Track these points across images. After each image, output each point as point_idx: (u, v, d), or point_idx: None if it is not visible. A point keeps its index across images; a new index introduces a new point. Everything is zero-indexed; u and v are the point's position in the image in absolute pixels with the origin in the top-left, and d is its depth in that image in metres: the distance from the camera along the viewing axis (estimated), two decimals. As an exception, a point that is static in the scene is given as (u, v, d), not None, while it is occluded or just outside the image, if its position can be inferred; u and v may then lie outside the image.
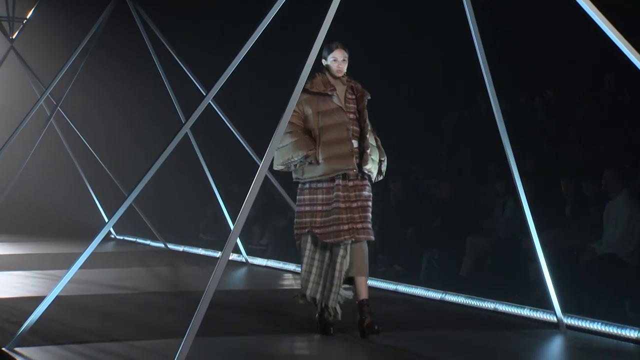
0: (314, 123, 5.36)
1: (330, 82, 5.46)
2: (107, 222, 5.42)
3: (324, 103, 5.39)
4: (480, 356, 5.12)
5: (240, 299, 7.30)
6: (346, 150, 5.31)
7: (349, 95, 5.51)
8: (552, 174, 8.36)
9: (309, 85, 5.35)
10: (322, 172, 5.32)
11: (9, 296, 7.19)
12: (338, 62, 5.46)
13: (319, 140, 5.32)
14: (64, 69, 8.54)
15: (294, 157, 5.31)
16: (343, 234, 5.30)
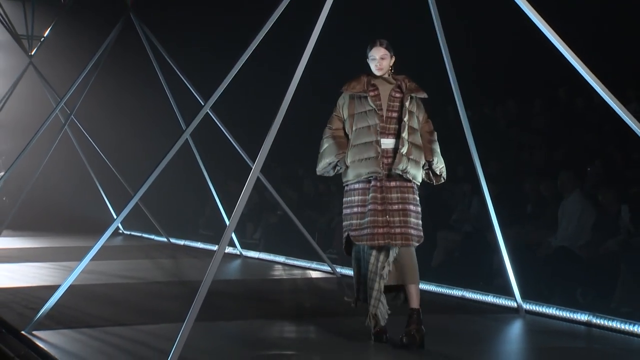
0: (348, 126, 4.75)
1: (372, 82, 4.80)
2: (116, 219, 5.40)
3: (361, 105, 4.74)
4: (450, 337, 5.14)
5: (235, 287, 7.28)
6: (372, 154, 4.64)
7: (395, 93, 4.80)
8: (514, 175, 8.40)
9: (346, 87, 4.81)
10: (350, 176, 4.75)
11: (27, 285, 7.15)
12: (376, 61, 4.80)
13: (349, 143, 4.73)
14: (77, 82, 8.49)
15: (326, 163, 4.78)
16: (377, 238, 4.61)
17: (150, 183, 5.23)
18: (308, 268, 8.48)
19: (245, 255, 9.70)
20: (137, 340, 4.88)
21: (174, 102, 9.98)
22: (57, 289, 5.17)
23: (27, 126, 12.45)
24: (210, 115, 8.55)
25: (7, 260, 9.12)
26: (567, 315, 5.59)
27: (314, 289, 7.33)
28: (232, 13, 12.98)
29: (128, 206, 5.33)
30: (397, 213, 4.65)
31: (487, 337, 5.30)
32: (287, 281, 7.81)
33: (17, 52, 12.31)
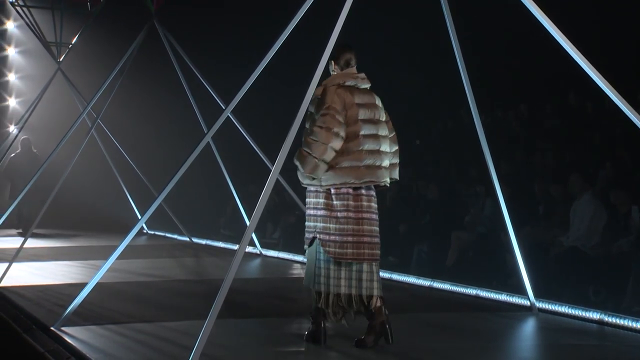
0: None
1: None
2: (140, 219, 5.41)
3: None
4: (464, 335, 5.10)
5: (255, 286, 7.28)
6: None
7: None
8: (526, 177, 8.34)
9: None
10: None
11: (56, 282, 7.18)
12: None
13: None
14: (103, 87, 8.52)
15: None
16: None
17: (173, 184, 5.24)
18: (326, 267, 8.44)
19: (265, 255, 9.70)
20: (160, 337, 4.89)
21: (196, 106, 10.00)
22: (84, 287, 5.18)
23: (56, 129, 12.53)
24: (231, 118, 8.57)
25: (36, 259, 9.18)
26: (579, 314, 5.53)
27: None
28: (253, 19, 13.00)
29: (152, 207, 5.34)
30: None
31: (501, 335, 5.26)
32: (306, 279, 7.78)
33: (46, 58, 12.39)
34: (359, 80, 4.66)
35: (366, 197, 4.61)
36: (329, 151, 4.47)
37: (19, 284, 7.03)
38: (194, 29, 13.02)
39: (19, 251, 7.43)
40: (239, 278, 5.87)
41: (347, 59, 4.69)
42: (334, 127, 4.47)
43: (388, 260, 8.93)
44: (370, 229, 4.61)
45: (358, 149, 4.52)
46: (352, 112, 4.54)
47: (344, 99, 4.55)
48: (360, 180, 4.53)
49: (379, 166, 4.59)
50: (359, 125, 4.53)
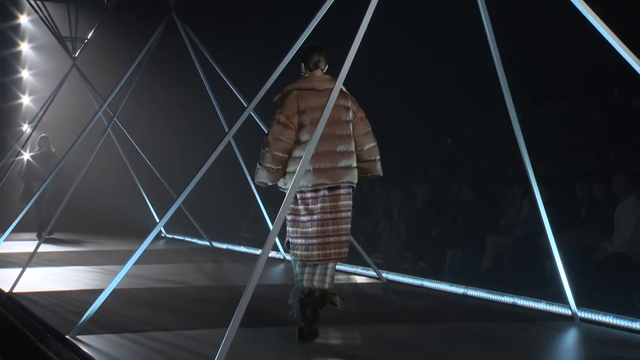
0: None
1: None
2: (158, 222, 5.44)
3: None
4: (500, 346, 5.06)
5: (278, 292, 7.28)
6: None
7: None
8: (566, 178, 8.26)
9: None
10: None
11: (71, 289, 7.26)
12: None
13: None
14: (120, 84, 8.59)
15: None
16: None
17: (192, 186, 5.26)
18: (353, 273, 8.45)
19: (289, 260, 9.68)
20: (180, 346, 4.91)
21: (216, 104, 10.05)
22: (100, 293, 5.23)
23: (71, 128, 12.66)
24: (253, 117, 8.59)
25: (51, 264, 9.28)
26: (625, 324, 5.46)
27: (359, 295, 7.30)
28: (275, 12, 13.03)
29: (170, 209, 5.37)
30: None
31: (541, 346, 5.21)
32: (332, 286, 7.78)
33: (61, 54, 12.52)
34: (315, 82, 4.97)
35: (330, 198, 4.90)
36: (268, 157, 4.90)
37: (32, 290, 7.11)
38: (214, 22, 13.07)
39: (33, 256, 7.52)
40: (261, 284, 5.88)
41: (315, 61, 5.04)
42: (278, 135, 4.89)
43: (419, 266, 8.90)
44: (337, 228, 4.92)
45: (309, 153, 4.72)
46: (305, 117, 4.90)
47: (298, 104, 4.91)
48: (310, 184, 4.84)
49: (332, 168, 4.88)
50: (310, 129, 4.83)
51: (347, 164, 4.95)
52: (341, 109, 4.97)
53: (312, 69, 5.06)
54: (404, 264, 9.13)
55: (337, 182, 4.88)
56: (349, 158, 4.97)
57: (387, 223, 9.81)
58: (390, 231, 9.65)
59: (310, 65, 5.06)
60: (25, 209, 8.59)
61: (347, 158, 4.95)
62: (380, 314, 6.12)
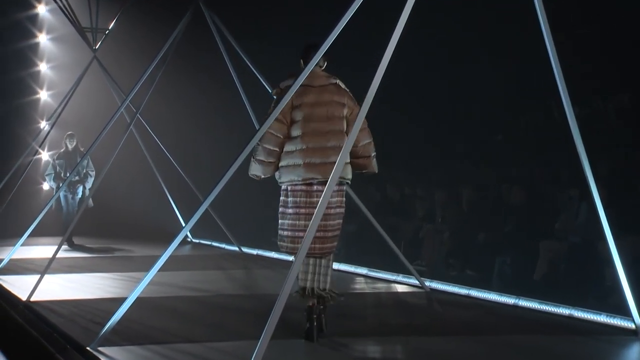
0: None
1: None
2: (184, 226, 5.48)
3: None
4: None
5: (313, 302, 7.30)
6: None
7: None
8: (627, 178, 8.14)
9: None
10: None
11: (91, 297, 7.35)
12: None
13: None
14: (143, 78, 8.66)
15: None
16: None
17: (221, 187, 5.30)
18: (393, 281, 8.44)
19: (324, 267, 9.71)
20: (207, 359, 4.95)
21: (246, 99, 10.09)
22: (123, 302, 5.28)
23: (91, 125, 12.79)
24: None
25: (70, 271, 9.41)
26: (694, 339, 5.37)
27: (400, 305, 7.29)
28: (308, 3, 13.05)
29: (197, 212, 5.41)
30: None
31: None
32: (371, 295, 7.78)
33: (80, 46, 12.65)
34: (311, 79, 5.36)
35: (321, 193, 5.11)
36: (260, 150, 5.43)
37: (51, 298, 7.22)
38: (243, 11, 13.13)
39: (51, 262, 7.64)
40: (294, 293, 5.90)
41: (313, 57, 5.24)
42: (270, 128, 5.34)
43: (465, 274, 8.85)
44: (324, 223, 5.32)
45: (300, 147, 5.37)
46: (297, 112, 5.39)
47: (292, 100, 5.34)
48: (300, 178, 5.35)
49: (323, 163, 5.33)
50: (302, 124, 5.37)
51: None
52: (335, 104, 5.43)
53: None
54: (448, 271, 9.08)
55: (328, 177, 5.06)
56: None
57: (430, 227, 9.77)
58: (433, 236, 9.61)
59: (309, 62, 5.27)
60: (44, 212, 8.69)
61: (338, 153, 5.11)
62: (422, 326, 6.10)
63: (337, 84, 5.57)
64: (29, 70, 15.14)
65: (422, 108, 11.76)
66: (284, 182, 5.47)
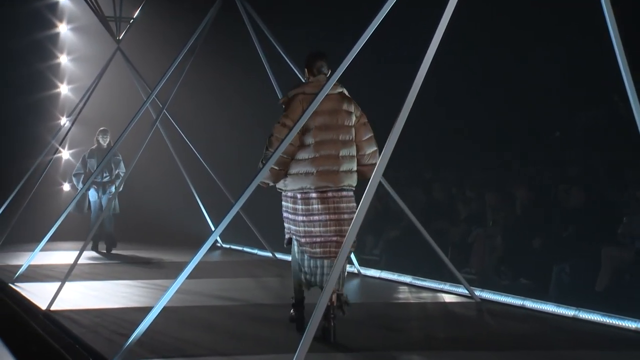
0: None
1: None
2: (214, 230, 5.51)
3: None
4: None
5: (353, 313, 7.30)
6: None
7: None
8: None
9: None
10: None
11: (115, 306, 7.43)
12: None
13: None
14: (170, 70, 8.72)
15: None
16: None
17: (253, 188, 5.33)
18: (440, 290, 8.41)
19: (364, 275, 9.72)
20: (239, 374, 4.97)
21: (280, 93, 10.13)
22: (149, 312, 5.32)
23: (114, 122, 12.89)
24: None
25: (92, 278, 9.53)
26: None
27: (447, 316, 7.26)
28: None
29: (228, 215, 5.44)
30: None
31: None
32: (415, 306, 7.77)
33: (103, 36, 12.78)
34: (318, 88, 5.67)
35: (333, 200, 5.90)
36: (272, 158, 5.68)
37: (72, 307, 7.32)
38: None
39: (72, 268, 7.74)
40: (333, 303, 5.91)
41: (318, 66, 6.05)
42: (281, 136, 5.73)
43: (519, 283, 8.79)
44: (339, 229, 5.87)
45: (312, 156, 5.87)
46: (309, 121, 5.74)
47: (302, 108, 5.75)
48: (314, 186, 5.86)
49: (335, 171, 5.89)
50: (315, 132, 5.88)
51: (349, 168, 5.95)
52: (344, 113, 5.97)
53: (315, 74, 6.04)
54: (500, 280, 9.03)
55: (339, 185, 5.88)
56: (351, 162, 5.97)
57: (480, 232, 9.72)
58: (484, 241, 9.56)
59: (314, 71, 6.05)
60: (64, 215, 8.78)
61: (348, 162, 5.95)
62: (472, 339, 6.07)
63: (343, 92, 6.07)
64: (48, 63, 15.28)
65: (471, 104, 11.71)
66: (293, 189, 5.94)
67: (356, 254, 9.89)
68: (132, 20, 11.81)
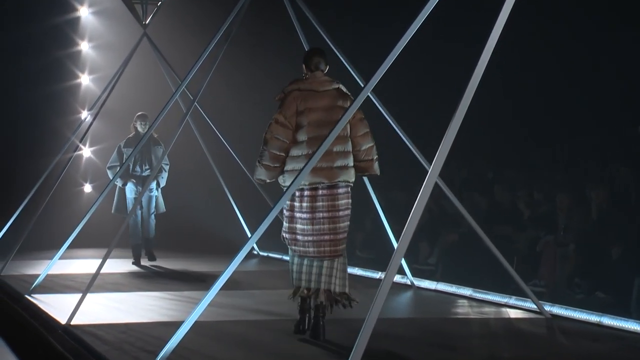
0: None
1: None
2: (250, 237, 5.56)
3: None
4: None
5: (405, 329, 7.31)
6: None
7: None
8: None
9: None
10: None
11: (142, 321, 7.51)
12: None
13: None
14: (202, 58, 8.76)
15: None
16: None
17: (293, 191, 5.35)
18: (504, 305, 8.37)
19: (418, 286, 9.70)
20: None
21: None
22: (178, 327, 5.38)
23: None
24: (372, 99, 8.64)
25: (116, 289, 9.63)
26: None
27: (513, 334, 7.23)
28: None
29: (266, 220, 5.47)
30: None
31: None
32: (477, 322, 7.75)
33: (128, 21, 12.87)
34: (314, 84, 6.63)
35: (328, 197, 6.47)
36: (266, 155, 6.59)
37: (95, 321, 7.40)
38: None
39: (95, 278, 7.82)
40: (383, 318, 5.91)
41: (316, 62, 6.72)
42: (275, 133, 6.58)
43: (595, 297, 8.71)
44: (333, 227, 6.49)
45: (306, 152, 6.44)
46: (303, 117, 6.54)
47: (296, 105, 6.57)
48: (307, 182, 6.40)
49: (329, 167, 6.44)
50: (308, 129, 6.50)
51: (344, 164, 6.48)
52: (339, 109, 6.51)
53: (312, 70, 6.69)
54: (574, 293, 8.96)
55: (334, 181, 6.43)
56: (346, 158, 6.50)
57: (550, 239, 9.65)
58: (555, 249, 9.49)
59: (312, 67, 6.70)
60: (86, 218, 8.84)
61: (343, 158, 6.49)
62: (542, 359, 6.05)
63: (340, 88, 6.69)
64: (67, 50, 15.39)
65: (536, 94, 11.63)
66: (286, 185, 6.51)
67: (408, 263, 9.89)
68: (160, 2, 11.86)
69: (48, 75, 15.04)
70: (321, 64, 6.73)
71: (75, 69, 15.49)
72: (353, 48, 10.15)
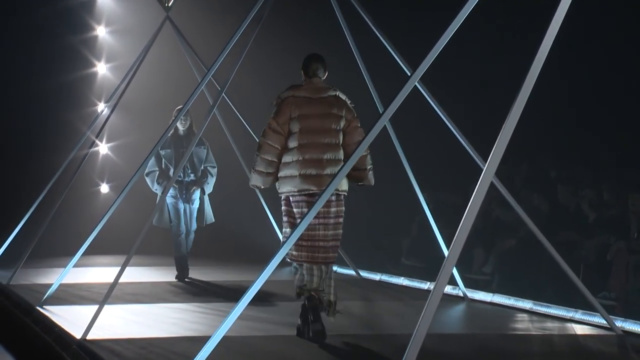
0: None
1: None
2: (282, 247, 5.58)
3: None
4: None
5: (457, 346, 7.30)
6: None
7: None
8: None
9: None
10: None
11: (166, 335, 7.55)
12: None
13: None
14: (229, 46, 8.80)
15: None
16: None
17: (330, 193, 5.36)
18: (570, 319, 8.34)
19: (472, 298, 9.69)
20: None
21: (366, 74, 10.16)
22: (205, 342, 5.42)
23: (162, 108, 13.02)
24: (419, 89, 8.64)
25: (136, 300, 9.70)
26: None
27: (580, 351, 7.21)
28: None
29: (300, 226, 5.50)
30: None
31: None
32: (538, 338, 7.73)
33: (150, 3, 12.93)
34: (310, 91, 7.29)
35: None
36: (259, 161, 7.26)
37: (112, 336, 7.46)
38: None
39: (112, 288, 7.89)
40: (433, 333, 5.92)
41: (314, 69, 7.38)
42: (268, 139, 7.22)
43: None
44: (325, 233, 7.16)
45: (297, 158, 7.11)
46: (295, 124, 7.17)
47: (290, 112, 7.20)
48: (296, 189, 7.11)
49: (318, 175, 7.07)
50: (299, 135, 7.12)
51: (334, 172, 6.93)
52: (332, 117, 7.18)
53: (310, 77, 7.34)
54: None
55: (323, 188, 6.49)
56: (336, 166, 7.05)
57: (621, 246, 9.60)
58: (627, 258, 9.44)
59: (310, 73, 7.36)
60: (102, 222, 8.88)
61: (333, 166, 7.08)
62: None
63: (337, 95, 7.29)
64: (82, 36, 15.46)
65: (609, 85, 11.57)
66: (283, 192, 7.25)
67: (461, 272, 9.87)
68: (184, -17, 11.92)
69: (61, 63, 15.07)
70: (319, 70, 7.37)
71: (91, 57, 15.56)
72: (399, 33, 10.13)
